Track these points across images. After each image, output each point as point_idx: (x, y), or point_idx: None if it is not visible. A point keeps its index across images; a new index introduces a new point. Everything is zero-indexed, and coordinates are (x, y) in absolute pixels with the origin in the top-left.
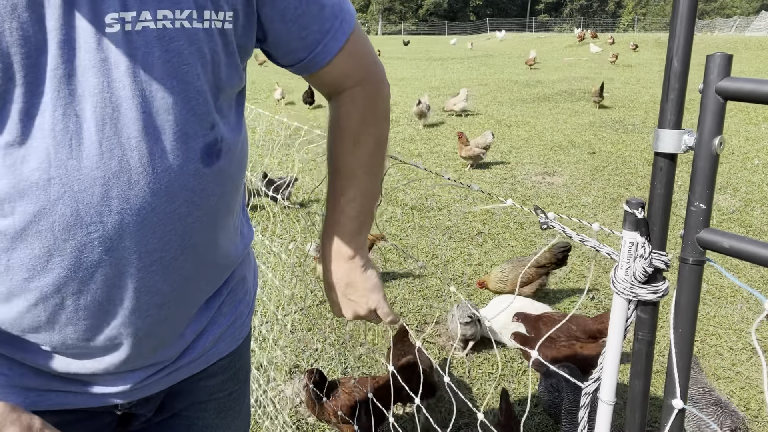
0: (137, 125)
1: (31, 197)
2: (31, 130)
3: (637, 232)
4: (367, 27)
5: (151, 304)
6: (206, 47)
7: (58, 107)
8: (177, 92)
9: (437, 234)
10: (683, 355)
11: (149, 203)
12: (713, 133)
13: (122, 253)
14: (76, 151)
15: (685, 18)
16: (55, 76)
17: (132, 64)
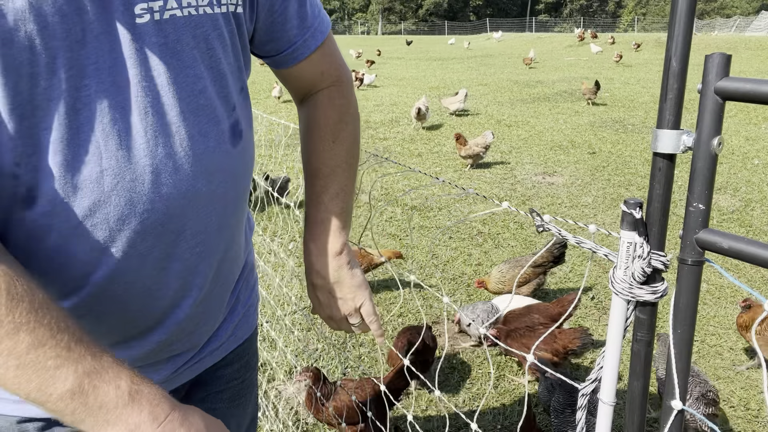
0: (176, 111)
1: (85, 191)
2: (78, 125)
3: (635, 232)
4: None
5: (194, 286)
6: (225, 31)
7: (102, 99)
8: (206, 76)
9: (437, 234)
10: (682, 356)
11: (193, 186)
12: (712, 133)
13: (170, 238)
14: (124, 141)
15: (683, 18)
16: (96, 69)
17: (164, 52)
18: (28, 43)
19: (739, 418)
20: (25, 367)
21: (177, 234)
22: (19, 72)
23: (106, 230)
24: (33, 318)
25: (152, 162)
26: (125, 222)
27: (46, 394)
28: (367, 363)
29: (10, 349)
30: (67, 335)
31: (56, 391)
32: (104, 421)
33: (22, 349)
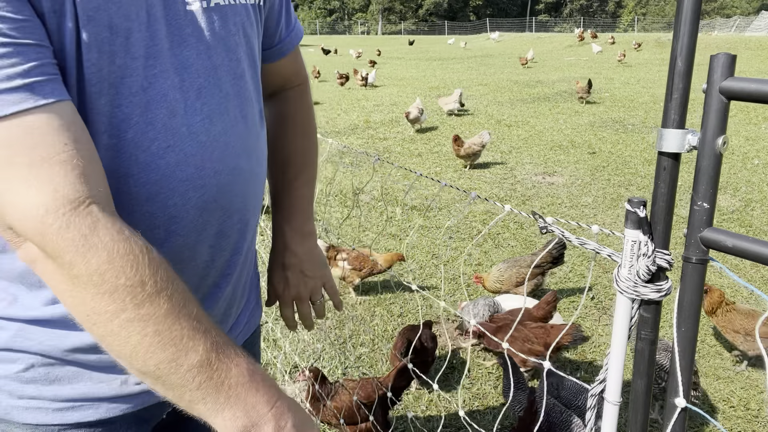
0: (224, 92)
1: (152, 167)
2: (146, 102)
3: (639, 231)
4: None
5: (235, 264)
6: (255, 20)
7: (164, 79)
8: (245, 60)
9: (437, 234)
10: (686, 354)
11: (238, 163)
12: (717, 132)
13: (221, 213)
14: (183, 119)
15: (689, 18)
16: (158, 51)
17: (212, 36)
18: (107, 23)
19: (739, 418)
20: (162, 334)
21: (225, 210)
22: (101, 49)
23: (170, 206)
24: (170, 285)
25: (208, 139)
26: (187, 197)
27: (176, 365)
28: (367, 363)
29: (150, 314)
30: (195, 307)
31: (187, 361)
32: (225, 398)
33: (161, 315)
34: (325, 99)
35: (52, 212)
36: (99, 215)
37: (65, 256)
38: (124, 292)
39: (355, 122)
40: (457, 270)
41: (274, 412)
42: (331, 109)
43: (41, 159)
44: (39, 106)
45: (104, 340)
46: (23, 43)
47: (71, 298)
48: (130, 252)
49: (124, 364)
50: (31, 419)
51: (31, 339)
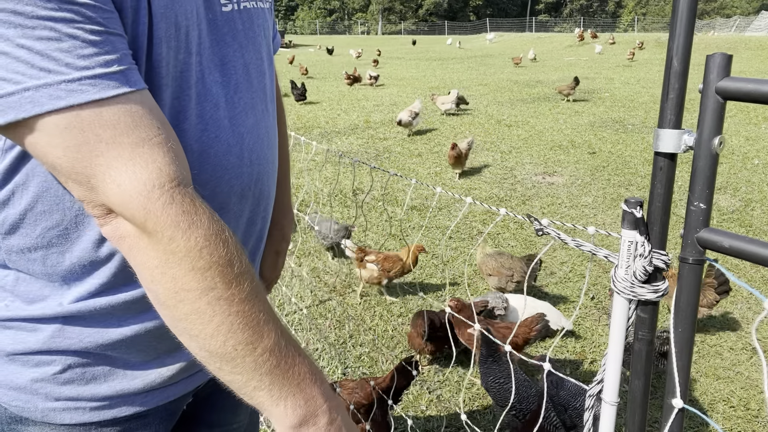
0: (254, 88)
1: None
2: (197, 95)
3: (636, 231)
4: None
5: (258, 250)
6: (270, 24)
7: (209, 74)
8: (267, 59)
9: (437, 234)
10: (683, 354)
11: (266, 154)
12: (713, 132)
13: (254, 201)
14: (225, 112)
15: (684, 18)
16: (205, 47)
17: (244, 36)
18: (174, 20)
19: (739, 418)
20: (245, 315)
21: (256, 198)
22: (169, 44)
23: (218, 193)
24: (250, 269)
25: (245, 131)
26: (230, 184)
27: (251, 347)
28: (366, 363)
29: (235, 294)
30: (265, 293)
31: (262, 344)
32: (290, 386)
33: (244, 297)
34: (325, 99)
35: (158, 188)
36: (195, 195)
37: (167, 231)
38: (216, 271)
39: (355, 122)
40: (457, 270)
41: (329, 404)
42: (331, 109)
43: (142, 140)
44: (133, 92)
45: (187, 318)
46: (113, 32)
47: (162, 275)
48: (222, 232)
49: (198, 346)
50: (68, 419)
51: (70, 338)
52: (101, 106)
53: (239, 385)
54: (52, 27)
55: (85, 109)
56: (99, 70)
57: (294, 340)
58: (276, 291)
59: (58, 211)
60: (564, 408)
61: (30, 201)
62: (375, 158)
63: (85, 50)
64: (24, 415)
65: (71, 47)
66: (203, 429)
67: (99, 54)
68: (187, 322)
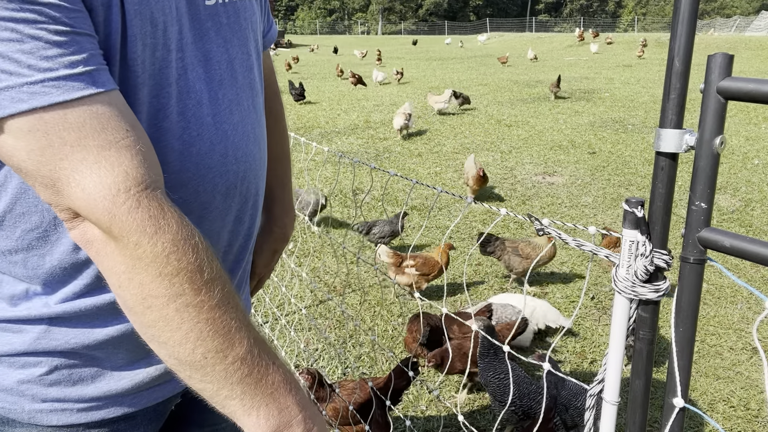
0: (239, 84)
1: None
2: (179, 92)
3: (637, 231)
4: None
5: (246, 249)
6: (258, 17)
7: (192, 70)
8: (254, 54)
9: (437, 234)
10: (684, 353)
11: (252, 151)
12: (714, 132)
13: (240, 199)
14: (208, 109)
15: (686, 18)
16: (186, 43)
17: (228, 30)
18: (149, 16)
19: (739, 418)
20: (214, 323)
21: (243, 196)
22: (144, 42)
23: (201, 192)
24: (222, 275)
25: (229, 128)
26: (214, 183)
27: (221, 355)
28: (366, 363)
29: (205, 301)
30: (239, 300)
31: (233, 353)
32: (263, 395)
33: (214, 304)
34: (325, 99)
35: (124, 192)
36: (163, 199)
37: (132, 236)
38: (185, 277)
39: (355, 122)
40: (457, 270)
41: (304, 415)
42: (331, 109)
43: (109, 143)
44: (100, 93)
45: (155, 325)
46: (80, 33)
47: (129, 281)
48: (192, 237)
49: (168, 353)
50: (55, 421)
51: (56, 339)
52: (66, 108)
53: (210, 393)
54: (14, 28)
55: (48, 112)
56: (63, 71)
57: (269, 347)
58: (276, 291)
59: (37, 213)
60: (565, 408)
61: (8, 203)
62: (375, 158)
63: (49, 51)
64: (11, 417)
65: (33, 48)
66: (192, 429)
67: (63, 55)
68: (156, 329)
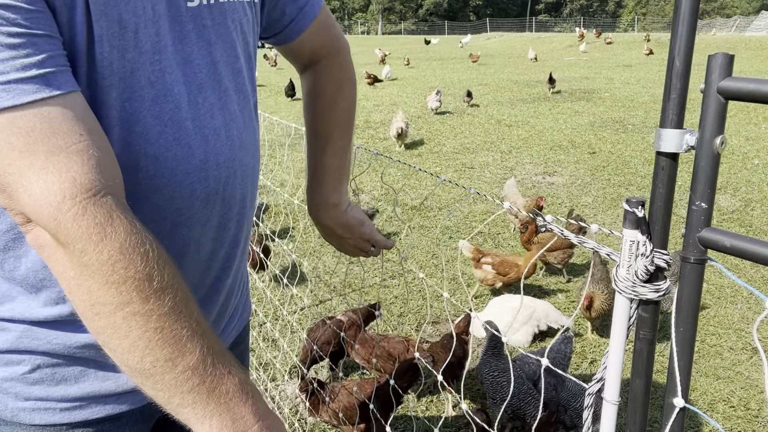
0: (223, 87)
1: (161, 159)
2: (154, 96)
3: (637, 231)
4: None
5: (234, 256)
6: (250, 18)
7: (169, 74)
8: (242, 56)
9: (437, 234)
10: (684, 353)
11: (237, 156)
12: (715, 132)
13: (222, 205)
14: (187, 113)
15: (686, 18)
16: (164, 46)
17: (212, 33)
18: (117, 17)
19: (739, 418)
20: (163, 332)
21: (226, 202)
22: (111, 43)
23: (177, 198)
24: (175, 283)
25: (210, 133)
26: (192, 188)
27: (172, 365)
28: None
29: (154, 310)
30: (195, 309)
31: (183, 362)
32: (215, 405)
33: (164, 312)
34: None
35: (69, 199)
36: (114, 206)
37: (77, 243)
38: (132, 285)
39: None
40: (457, 270)
41: (260, 425)
42: None
43: (59, 148)
44: (54, 96)
45: (104, 332)
46: (37, 34)
47: (77, 287)
48: (142, 245)
49: (118, 360)
50: (38, 420)
51: (38, 338)
52: (15, 112)
53: (163, 401)
54: None
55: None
56: (14, 75)
57: (226, 356)
58: (275, 291)
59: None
60: (564, 408)
61: None
62: (375, 158)
63: (0, 54)
64: None
65: None
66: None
67: (16, 58)
68: (105, 335)
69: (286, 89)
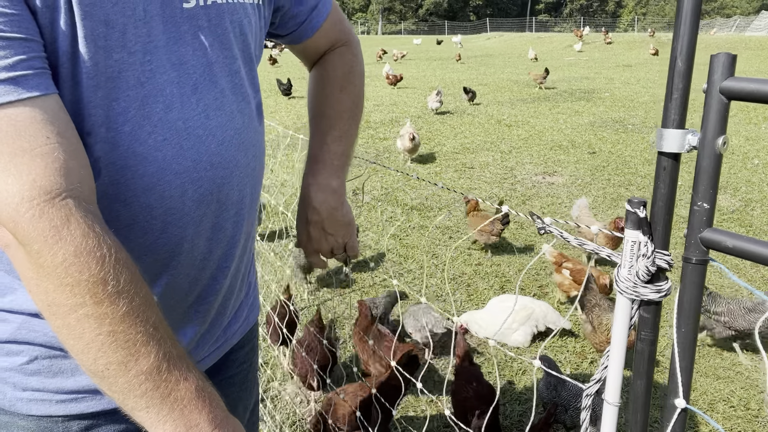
0: (220, 88)
1: (150, 159)
2: (143, 97)
3: (639, 231)
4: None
5: (231, 257)
6: (253, 20)
7: (161, 74)
8: (241, 58)
9: (437, 234)
10: (686, 354)
11: (234, 157)
12: (717, 132)
13: (217, 206)
14: (180, 113)
15: (689, 18)
16: (154, 47)
17: (208, 33)
18: (103, 18)
19: (739, 418)
20: (116, 335)
21: (222, 203)
22: (96, 43)
23: (167, 198)
24: (133, 288)
25: (204, 133)
26: (183, 189)
27: (125, 369)
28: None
29: (107, 313)
30: (155, 314)
31: (137, 366)
32: (169, 410)
33: (118, 317)
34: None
35: (27, 201)
36: (73, 209)
37: (34, 245)
38: (85, 288)
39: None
40: (457, 270)
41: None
42: None
43: (22, 150)
44: (23, 99)
45: (60, 332)
46: (11, 37)
47: (36, 286)
48: (98, 249)
49: (77, 360)
50: (35, 411)
51: (35, 330)
52: None
53: (120, 403)
54: None
55: None
56: None
57: (183, 361)
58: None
59: None
60: (565, 408)
61: None
62: (375, 158)
63: None
64: None
65: None
66: None
67: None
68: (61, 335)
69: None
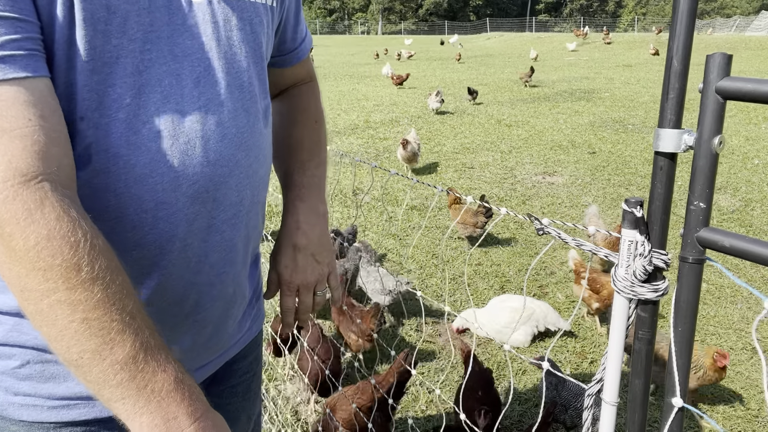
0: (224, 84)
1: (143, 150)
2: (141, 85)
3: (636, 231)
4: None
5: (230, 262)
6: (265, 20)
7: (161, 65)
8: (249, 57)
9: (437, 234)
10: (683, 353)
11: (234, 156)
12: (713, 132)
13: (213, 206)
14: (178, 106)
15: (685, 18)
16: (157, 37)
17: (216, 29)
18: (105, 2)
19: (739, 418)
20: (90, 323)
21: (218, 202)
22: (96, 27)
23: (159, 191)
24: (108, 275)
25: (203, 128)
26: (177, 183)
27: (99, 358)
28: (366, 364)
29: (81, 300)
30: (132, 303)
31: (112, 355)
32: (145, 402)
33: (92, 304)
34: (324, 99)
35: (1, 182)
36: (49, 192)
37: (6, 227)
38: (58, 273)
39: (355, 122)
40: (457, 270)
41: (196, 426)
42: (331, 108)
43: (2, 130)
44: (8, 79)
45: (33, 318)
46: (3, 16)
47: (8, 270)
48: (72, 234)
49: (52, 348)
50: (26, 416)
51: (26, 333)
52: None
53: (96, 394)
54: None
55: None
56: None
57: (162, 352)
58: None
59: None
60: (565, 408)
61: None
62: (375, 158)
63: None
64: None
65: None
66: None
67: None
68: (35, 322)
69: None
